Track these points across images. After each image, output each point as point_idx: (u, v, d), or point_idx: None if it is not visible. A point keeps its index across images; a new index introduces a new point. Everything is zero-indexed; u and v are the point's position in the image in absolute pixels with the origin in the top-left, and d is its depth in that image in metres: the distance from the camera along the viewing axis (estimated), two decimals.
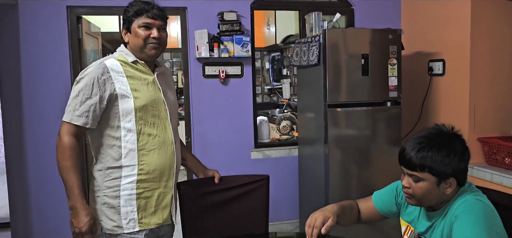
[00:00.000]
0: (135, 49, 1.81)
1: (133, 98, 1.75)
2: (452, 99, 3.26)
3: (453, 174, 1.38)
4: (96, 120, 1.74)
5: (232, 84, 3.60)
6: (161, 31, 1.82)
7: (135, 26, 1.79)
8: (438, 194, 1.41)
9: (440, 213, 1.45)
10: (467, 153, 1.41)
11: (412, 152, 1.40)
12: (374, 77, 3.12)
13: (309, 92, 3.40)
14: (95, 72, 1.72)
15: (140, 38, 1.78)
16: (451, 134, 1.43)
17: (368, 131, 3.18)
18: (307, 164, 3.56)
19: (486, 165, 3.03)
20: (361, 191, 3.19)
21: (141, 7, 1.79)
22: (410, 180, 1.43)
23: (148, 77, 1.83)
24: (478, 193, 1.42)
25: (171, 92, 1.96)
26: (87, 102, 1.70)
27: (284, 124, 4.00)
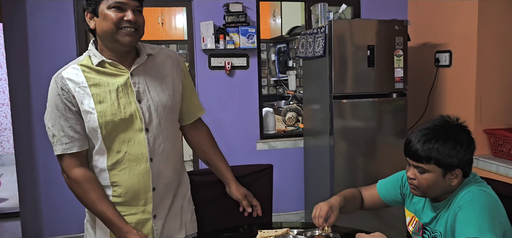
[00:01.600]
0: (105, 37, 1.47)
1: (98, 115, 1.46)
2: (459, 91, 3.25)
3: (459, 165, 1.39)
4: (84, 136, 1.51)
5: (238, 76, 3.61)
6: (137, 14, 1.48)
7: (103, 7, 1.44)
8: (444, 185, 1.41)
9: (444, 204, 1.46)
10: (472, 144, 1.42)
11: (418, 144, 1.40)
12: (380, 69, 3.12)
13: (314, 84, 3.40)
14: (53, 91, 1.50)
15: (110, 22, 1.43)
16: (456, 126, 1.44)
17: (373, 123, 3.19)
18: (312, 155, 3.57)
19: (492, 157, 3.02)
20: (367, 183, 3.15)
21: None
22: (415, 171, 1.44)
23: (117, 80, 1.50)
24: (483, 183, 1.43)
25: (160, 88, 1.57)
26: (64, 123, 1.49)
27: (290, 116, 4.01)
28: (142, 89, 1.53)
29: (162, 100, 1.57)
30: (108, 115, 1.47)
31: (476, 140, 3.06)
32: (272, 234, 1.54)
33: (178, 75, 1.65)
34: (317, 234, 1.58)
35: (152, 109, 1.54)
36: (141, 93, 1.53)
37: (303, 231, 1.60)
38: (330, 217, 1.54)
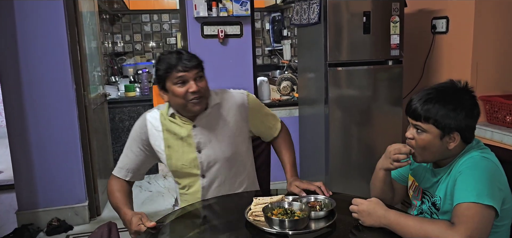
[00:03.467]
0: (177, 108, 1.72)
1: (166, 157, 1.77)
2: (455, 58, 3.21)
3: (457, 128, 1.37)
4: (137, 173, 1.83)
5: (232, 44, 3.56)
6: (199, 81, 1.66)
7: (169, 84, 1.65)
8: (441, 148, 1.40)
9: (445, 169, 1.45)
10: (475, 110, 1.40)
11: (418, 103, 1.40)
12: (375, 36, 3.07)
13: (309, 52, 3.36)
14: (136, 128, 1.81)
15: (179, 96, 1.65)
16: (462, 89, 1.42)
17: (369, 91, 3.16)
18: (307, 124, 3.56)
19: (487, 124, 3.02)
20: (362, 151, 3.19)
21: (171, 61, 1.64)
22: (414, 131, 1.43)
23: (182, 131, 1.75)
24: (486, 150, 1.42)
25: (221, 137, 1.77)
26: (129, 155, 1.81)
27: (285, 85, 3.97)
28: (203, 140, 1.76)
29: (221, 148, 1.77)
30: (173, 163, 1.77)
31: None
32: (267, 201, 1.53)
33: (243, 119, 1.84)
34: (313, 200, 1.58)
35: (210, 158, 1.77)
36: (201, 144, 1.76)
37: (298, 197, 1.59)
38: None
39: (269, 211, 1.46)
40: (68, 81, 3.26)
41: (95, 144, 3.58)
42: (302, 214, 1.44)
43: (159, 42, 6.67)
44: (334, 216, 1.47)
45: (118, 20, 6.41)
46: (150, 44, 6.65)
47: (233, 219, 1.63)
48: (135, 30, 6.53)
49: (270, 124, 1.94)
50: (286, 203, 1.51)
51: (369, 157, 3.13)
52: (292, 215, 1.45)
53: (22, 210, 3.33)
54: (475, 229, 1.21)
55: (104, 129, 4.07)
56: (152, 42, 6.65)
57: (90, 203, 3.49)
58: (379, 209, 1.38)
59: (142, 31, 6.55)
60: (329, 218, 1.46)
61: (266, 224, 1.42)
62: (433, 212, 1.48)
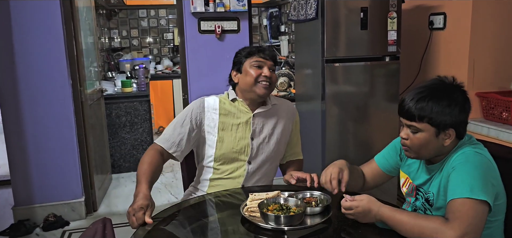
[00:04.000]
0: (245, 88, 1.86)
1: (217, 139, 1.86)
2: (452, 54, 3.22)
3: (452, 125, 1.37)
4: (180, 149, 1.85)
5: (229, 40, 3.55)
6: (272, 72, 1.86)
7: (246, 65, 1.86)
8: (437, 145, 1.40)
9: (439, 166, 1.45)
10: (467, 104, 1.40)
11: (411, 102, 1.39)
12: (373, 31, 3.07)
13: (306, 48, 3.35)
14: (193, 105, 1.90)
15: (251, 76, 1.83)
16: (452, 85, 1.42)
17: (366, 87, 3.16)
18: (304, 120, 3.55)
19: (483, 120, 3.03)
20: (358, 148, 3.19)
21: (254, 48, 1.89)
22: (408, 131, 1.43)
23: (242, 117, 1.90)
24: (478, 146, 1.42)
25: (272, 133, 1.94)
26: (177, 129, 1.85)
27: (282, 81, 3.97)
28: (258, 130, 1.91)
29: (270, 144, 1.93)
30: (225, 142, 1.87)
31: None
32: (263, 197, 1.53)
33: (289, 127, 2.02)
34: (308, 196, 1.58)
35: (260, 150, 1.91)
36: (256, 133, 1.91)
37: (293, 193, 1.59)
38: (343, 178, 1.52)
39: (265, 207, 1.46)
40: (64, 77, 3.25)
41: (91, 140, 3.57)
42: (297, 210, 1.44)
43: (156, 37, 6.65)
44: (330, 212, 1.47)
45: (115, 15, 6.39)
46: (147, 39, 6.63)
47: (229, 215, 1.63)
48: (132, 26, 6.51)
49: (297, 149, 2.12)
50: (281, 199, 1.51)
51: (365, 153, 3.12)
52: (287, 211, 1.44)
53: (18, 205, 3.32)
54: (469, 225, 1.21)
55: (101, 125, 4.06)
56: (149, 38, 6.62)
57: (86, 199, 3.48)
58: (373, 207, 1.38)
59: (139, 26, 6.53)
60: (325, 214, 1.47)
61: (262, 219, 1.42)
62: (426, 208, 1.48)
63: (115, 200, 3.87)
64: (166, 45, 6.73)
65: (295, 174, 1.80)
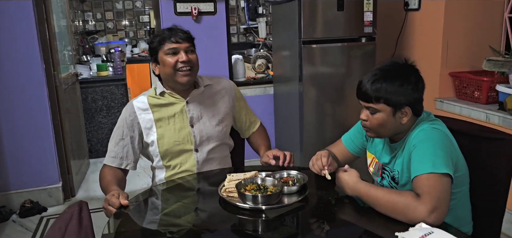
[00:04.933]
0: (167, 79, 1.80)
1: (158, 137, 1.79)
2: (426, 35, 3.27)
3: (407, 103, 1.42)
4: (132, 160, 1.83)
5: (205, 22, 3.51)
6: (190, 54, 1.77)
7: (161, 55, 1.76)
8: (395, 124, 1.45)
9: (400, 144, 1.49)
10: (420, 83, 1.45)
11: (367, 84, 1.43)
12: (349, 13, 3.08)
13: (284, 29, 3.35)
14: (124, 114, 1.82)
15: (169, 66, 1.74)
16: (405, 66, 1.46)
17: (342, 68, 3.19)
18: (282, 102, 3.57)
19: (456, 99, 3.10)
20: (336, 128, 3.23)
21: (165, 34, 1.77)
22: (367, 112, 1.47)
23: (176, 107, 1.82)
24: (436, 121, 1.47)
25: (211, 115, 1.87)
26: (120, 143, 1.80)
27: (260, 63, 3.96)
28: (196, 115, 1.84)
29: (212, 125, 1.86)
30: (165, 137, 1.79)
31: (441, 83, 3.13)
32: (241, 177, 1.54)
33: (230, 103, 1.94)
34: (285, 175, 1.60)
35: (203, 133, 1.84)
36: (194, 119, 1.84)
37: (271, 173, 1.61)
38: (330, 164, 1.53)
39: (242, 187, 1.47)
40: (36, 61, 3.16)
41: (67, 125, 3.51)
42: (275, 189, 1.46)
43: (132, 20, 6.53)
44: (306, 190, 1.50)
45: None
46: (123, 22, 6.50)
47: (206, 196, 1.64)
48: (107, 8, 6.36)
49: (251, 119, 2.05)
50: (259, 179, 1.53)
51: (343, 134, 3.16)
52: (265, 190, 1.46)
53: None
54: (438, 198, 1.26)
55: (77, 110, 3.99)
56: (124, 21, 6.50)
57: (63, 184, 3.44)
58: (350, 181, 1.43)
59: (113, 9, 6.39)
60: (302, 193, 1.49)
61: (240, 200, 1.44)
62: (393, 186, 1.53)
63: (94, 185, 3.83)
64: (142, 27, 6.62)
65: (270, 154, 1.80)
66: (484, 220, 1.57)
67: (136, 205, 1.53)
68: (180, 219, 1.45)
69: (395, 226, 1.26)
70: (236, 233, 1.37)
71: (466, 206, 1.54)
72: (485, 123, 2.71)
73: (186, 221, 1.43)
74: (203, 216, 1.50)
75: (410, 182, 1.43)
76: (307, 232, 1.36)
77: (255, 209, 1.40)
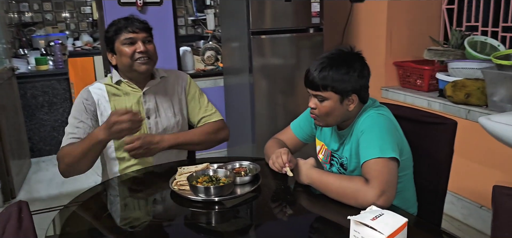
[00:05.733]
0: (125, 69, 1.75)
1: None
2: (371, 25, 3.37)
3: (353, 90, 1.45)
4: None
5: (151, 13, 3.41)
6: (147, 44, 1.73)
7: (118, 45, 1.72)
8: (342, 111, 1.47)
9: (348, 131, 1.53)
10: (365, 70, 1.48)
11: (315, 73, 1.45)
12: (297, 3, 3.11)
13: (232, 21, 3.32)
14: (80, 98, 1.74)
15: (126, 56, 1.70)
16: (350, 53, 1.49)
17: (291, 59, 3.22)
18: (233, 94, 3.55)
19: (400, 88, 3.23)
20: (287, 119, 3.24)
21: (121, 24, 1.72)
22: (316, 100, 1.48)
23: (131, 98, 1.77)
24: (381, 107, 1.51)
25: (167, 107, 1.82)
26: (80, 125, 1.70)
27: (209, 54, 3.92)
28: (152, 107, 1.80)
29: (168, 117, 1.82)
30: None
31: (387, 72, 3.23)
32: (192, 169, 1.50)
33: (184, 95, 1.89)
34: (237, 166, 1.58)
35: (158, 125, 1.80)
36: (150, 111, 1.80)
37: (223, 164, 1.59)
38: (291, 160, 1.49)
39: (194, 180, 1.44)
40: None
41: (4, 123, 3.29)
42: (227, 180, 1.44)
43: (73, 11, 6.23)
44: (259, 180, 1.49)
45: None
46: (63, 14, 6.18)
47: (157, 190, 1.59)
48: None
49: (208, 112, 1.92)
50: (210, 171, 1.50)
51: None
52: (217, 182, 1.44)
53: None
54: (386, 182, 1.30)
55: (14, 106, 3.75)
56: (65, 12, 6.18)
57: (3, 186, 3.23)
58: (305, 167, 1.45)
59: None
60: (254, 183, 1.48)
61: (192, 192, 1.41)
62: (342, 172, 1.57)
63: (37, 185, 3.63)
64: (84, 19, 6.33)
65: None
66: (428, 201, 1.64)
67: (83, 201, 1.46)
68: (134, 214, 1.40)
69: (347, 211, 1.28)
70: (189, 227, 1.34)
71: (411, 189, 1.60)
72: (427, 109, 2.84)
73: (140, 216, 1.38)
74: (155, 210, 1.45)
75: (358, 168, 1.47)
76: (261, 222, 1.36)
77: (208, 201, 1.38)
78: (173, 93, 1.88)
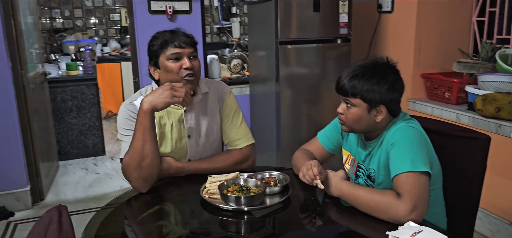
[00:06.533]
0: None
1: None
2: (399, 36, 3.34)
3: (382, 102, 1.44)
4: None
5: (180, 21, 3.46)
6: (193, 59, 1.65)
7: (163, 60, 1.64)
8: (369, 121, 1.47)
9: (376, 142, 1.52)
10: (398, 83, 1.47)
11: (345, 79, 1.46)
12: (325, 14, 3.11)
13: (260, 30, 3.35)
14: (126, 112, 1.67)
15: (172, 72, 1.63)
16: (385, 65, 1.49)
17: (318, 69, 3.21)
18: (258, 102, 3.57)
19: (428, 100, 3.19)
20: (312, 128, 3.25)
21: (167, 37, 1.64)
22: (344, 106, 1.50)
23: (173, 115, 1.71)
24: (411, 120, 1.50)
25: (207, 123, 1.76)
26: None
27: (235, 63, 3.95)
28: (193, 125, 1.74)
29: (207, 135, 1.77)
30: (162, 146, 1.69)
31: (414, 84, 3.19)
32: (222, 178, 1.52)
33: (221, 109, 1.81)
34: (267, 176, 1.59)
35: (199, 144, 1.75)
36: (192, 130, 1.74)
37: (253, 174, 1.60)
38: (321, 172, 1.48)
39: (225, 189, 1.46)
40: (3, 59, 3.04)
41: (35, 126, 3.39)
42: (257, 190, 1.45)
43: (102, 18, 6.38)
44: (289, 191, 1.49)
45: None
46: (92, 20, 6.34)
47: (188, 198, 1.61)
48: (75, 5, 6.19)
49: (240, 134, 1.82)
50: (241, 180, 1.52)
51: None
52: (247, 191, 1.45)
53: None
54: (418, 197, 1.29)
55: (45, 110, 3.86)
56: (94, 18, 6.34)
57: (32, 188, 3.31)
58: (334, 179, 1.45)
59: (82, 6, 6.23)
60: (284, 193, 1.49)
61: (222, 201, 1.42)
62: (369, 184, 1.55)
63: (64, 188, 3.71)
64: (112, 26, 6.47)
65: None
66: (457, 217, 1.61)
67: (113, 208, 1.49)
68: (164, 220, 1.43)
69: (377, 225, 1.28)
70: (219, 235, 1.36)
71: (440, 203, 1.58)
72: (456, 122, 2.79)
73: (171, 223, 1.40)
74: (185, 217, 1.47)
75: (386, 180, 1.46)
76: (290, 233, 1.36)
77: (238, 210, 1.39)
78: (213, 109, 1.80)
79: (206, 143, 1.77)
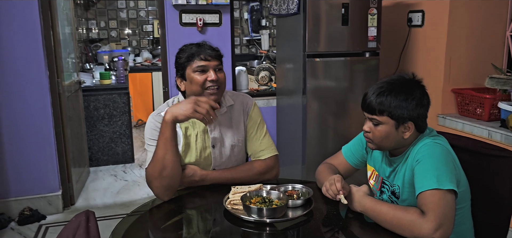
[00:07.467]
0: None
1: (181, 150, 1.72)
2: (429, 51, 3.29)
3: (410, 118, 1.43)
4: None
5: (210, 33, 3.53)
6: (218, 72, 1.70)
7: (189, 72, 1.70)
8: (397, 137, 1.45)
9: (401, 158, 1.50)
10: (425, 99, 1.45)
11: (372, 97, 1.45)
12: (353, 27, 3.10)
13: (288, 42, 3.37)
14: (153, 123, 1.73)
15: (197, 84, 1.68)
16: (411, 81, 1.47)
17: (346, 82, 3.20)
18: (285, 114, 3.58)
19: (458, 116, 3.11)
20: (338, 142, 3.22)
21: (193, 50, 1.70)
22: (370, 124, 1.48)
23: (198, 126, 1.76)
24: (438, 137, 1.47)
25: (231, 134, 1.79)
26: None
27: (263, 75, 3.98)
28: (218, 136, 1.77)
29: (231, 146, 1.79)
30: (187, 156, 1.74)
31: (445, 99, 3.13)
32: (245, 190, 1.54)
33: (245, 121, 1.84)
34: (290, 189, 1.60)
35: (223, 154, 1.78)
36: (216, 140, 1.77)
37: (276, 186, 1.60)
38: (344, 187, 1.47)
39: (248, 200, 1.47)
40: (41, 68, 3.18)
41: (69, 132, 3.51)
42: (280, 203, 1.46)
43: (136, 29, 6.57)
44: (311, 204, 1.49)
45: (92, 6, 6.27)
46: (126, 31, 6.53)
47: (211, 208, 1.63)
48: (111, 17, 6.40)
49: (264, 146, 1.84)
50: (264, 192, 1.53)
51: None
52: (270, 203, 1.46)
53: None
54: (443, 214, 1.26)
55: (78, 117, 3.99)
56: (128, 29, 6.53)
57: (63, 192, 3.43)
58: (358, 195, 1.43)
59: (117, 17, 6.43)
60: (306, 207, 1.48)
61: (245, 212, 1.43)
62: (393, 201, 1.53)
63: (93, 193, 3.82)
64: (145, 37, 6.65)
65: None
66: (486, 237, 1.56)
67: (139, 215, 1.53)
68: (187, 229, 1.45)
69: None
70: None
71: (468, 223, 1.54)
72: (487, 140, 2.71)
73: (194, 232, 1.42)
74: (207, 227, 1.49)
75: (410, 197, 1.43)
76: None
77: (260, 222, 1.40)
78: (237, 121, 1.83)
79: (231, 154, 1.80)
